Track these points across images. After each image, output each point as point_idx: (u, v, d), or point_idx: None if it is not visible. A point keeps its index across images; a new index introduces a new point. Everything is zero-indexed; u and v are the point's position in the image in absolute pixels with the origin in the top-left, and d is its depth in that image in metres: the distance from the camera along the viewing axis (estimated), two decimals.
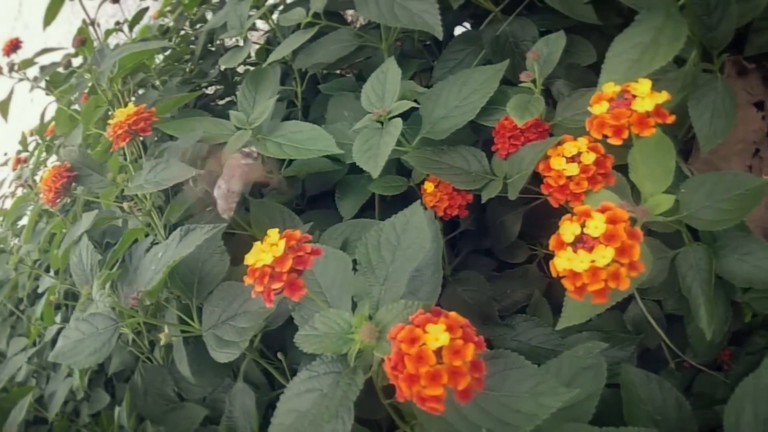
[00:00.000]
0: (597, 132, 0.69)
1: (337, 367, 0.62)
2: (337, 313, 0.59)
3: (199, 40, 1.58)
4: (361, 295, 0.63)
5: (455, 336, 0.51)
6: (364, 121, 0.89)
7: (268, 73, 1.06)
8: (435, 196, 0.92)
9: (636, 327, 1.02)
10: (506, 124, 0.88)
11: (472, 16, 1.21)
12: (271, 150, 0.96)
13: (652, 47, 0.80)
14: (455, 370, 0.50)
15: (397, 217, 0.68)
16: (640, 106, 0.68)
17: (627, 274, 0.59)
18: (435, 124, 0.93)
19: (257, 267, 0.59)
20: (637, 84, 0.70)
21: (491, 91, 0.91)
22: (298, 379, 0.63)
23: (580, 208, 0.62)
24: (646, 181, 0.74)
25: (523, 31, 1.04)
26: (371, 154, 0.83)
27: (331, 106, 1.15)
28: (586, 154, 0.75)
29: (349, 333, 0.58)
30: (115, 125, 0.98)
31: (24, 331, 1.75)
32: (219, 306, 0.86)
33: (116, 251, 1.11)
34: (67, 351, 0.92)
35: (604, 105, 0.70)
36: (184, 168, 0.91)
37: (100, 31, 1.53)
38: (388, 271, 0.64)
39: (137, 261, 0.98)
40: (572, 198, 0.75)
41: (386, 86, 0.91)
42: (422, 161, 0.90)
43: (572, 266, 0.60)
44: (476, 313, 1.00)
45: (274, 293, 0.58)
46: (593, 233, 0.60)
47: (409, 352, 0.51)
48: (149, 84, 1.55)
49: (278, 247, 0.59)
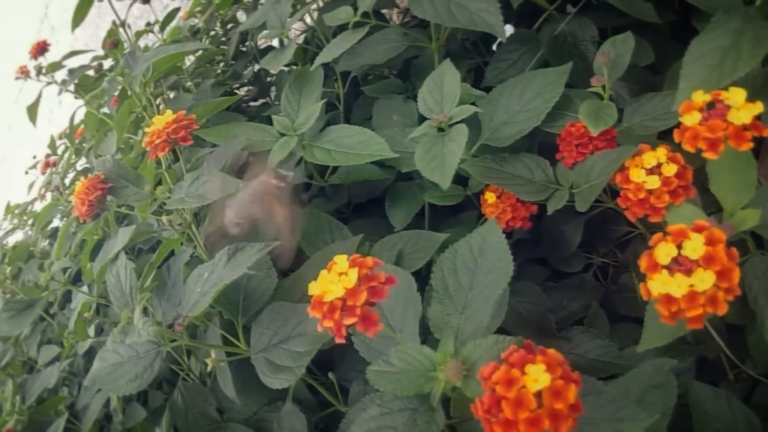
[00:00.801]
0: (690, 145, 0.64)
1: (413, 404, 0.56)
2: (417, 348, 0.54)
3: (231, 40, 1.54)
4: (439, 325, 0.58)
5: (555, 376, 0.47)
6: (423, 128, 0.83)
7: (313, 76, 1.00)
8: (497, 208, 0.86)
9: (696, 337, 0.97)
10: (573, 131, 0.82)
11: (519, 15, 1.15)
12: (320, 157, 0.91)
13: (732, 51, 0.75)
14: (556, 413, 0.46)
15: (473, 237, 0.63)
16: (736, 118, 0.62)
17: (724, 298, 0.55)
18: (496, 131, 0.87)
19: (326, 300, 0.53)
20: (730, 93, 0.64)
21: (556, 95, 0.86)
22: (368, 415, 0.58)
23: (674, 228, 0.58)
24: (729, 193, 0.70)
25: (582, 31, 0.99)
26: (437, 164, 0.77)
27: (377, 109, 1.10)
28: (667, 165, 0.70)
29: (432, 371, 0.52)
30: (153, 134, 0.93)
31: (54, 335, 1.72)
32: (270, 328, 0.80)
33: (152, 264, 1.06)
34: (105, 375, 0.88)
35: (696, 116, 0.64)
36: (229, 180, 0.85)
37: (130, 33, 1.48)
38: (467, 298, 0.59)
39: (175, 275, 0.93)
40: (652, 212, 0.70)
41: (444, 90, 0.85)
42: (483, 170, 0.85)
43: (669, 290, 0.56)
44: (532, 326, 0.96)
45: (347, 329, 0.53)
46: (692, 255, 0.56)
47: (507, 395, 0.46)
48: (181, 87, 1.51)
49: (349, 277, 0.53)
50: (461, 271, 0.61)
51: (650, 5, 0.93)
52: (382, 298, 0.53)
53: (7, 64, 1.83)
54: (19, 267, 1.94)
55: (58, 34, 4.75)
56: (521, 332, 0.87)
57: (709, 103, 0.65)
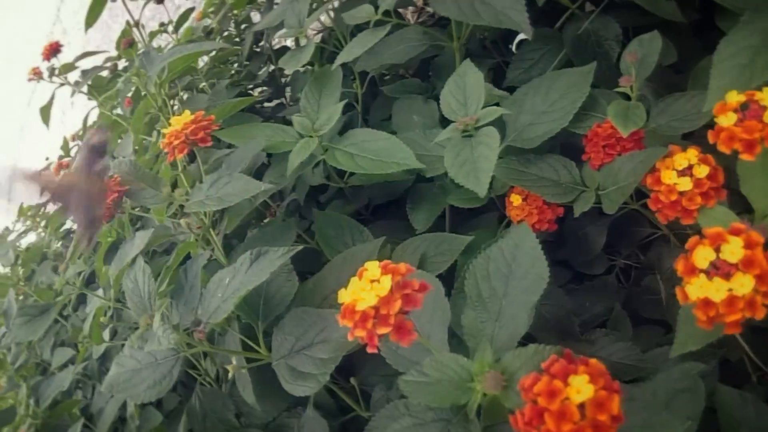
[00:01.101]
0: (726, 146, 0.62)
1: (447, 415, 0.55)
2: (452, 358, 0.52)
3: (246, 40, 1.52)
4: (473, 333, 0.56)
5: (598, 387, 0.46)
6: (448, 131, 0.81)
7: (333, 76, 0.98)
8: (523, 210, 0.85)
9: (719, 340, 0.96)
10: (599, 132, 0.80)
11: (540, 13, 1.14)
12: (342, 161, 0.89)
13: (764, 50, 0.73)
14: (600, 424, 0.45)
15: (504, 242, 0.61)
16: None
17: (762, 302, 0.54)
18: (521, 132, 0.85)
19: (359, 309, 0.52)
20: (764, 93, 0.63)
21: (582, 96, 0.84)
22: (400, 426, 0.57)
23: (711, 231, 0.57)
24: (760, 195, 0.69)
25: (606, 30, 0.97)
26: (469, 169, 0.75)
27: (396, 110, 1.08)
28: (698, 167, 0.68)
29: (469, 381, 0.51)
30: (171, 135, 0.91)
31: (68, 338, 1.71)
32: (292, 334, 0.78)
33: (169, 267, 1.05)
34: (123, 382, 0.86)
35: (732, 117, 0.63)
36: (250, 182, 0.83)
37: (144, 33, 1.47)
38: (502, 305, 0.57)
39: (193, 278, 0.92)
40: (684, 215, 0.69)
41: (467, 91, 0.83)
42: (508, 172, 0.83)
43: (707, 294, 0.55)
44: (555, 329, 0.94)
45: (379, 338, 0.51)
46: (730, 259, 0.55)
47: (549, 408, 0.45)
48: (195, 87, 1.49)
49: (382, 285, 0.52)
50: (494, 277, 0.59)
51: (674, 4, 0.91)
52: (417, 307, 0.51)
53: (19, 65, 1.82)
54: (32, 269, 1.94)
55: (69, 36, 4.76)
56: (544, 336, 0.86)
57: (743, 104, 0.64)
